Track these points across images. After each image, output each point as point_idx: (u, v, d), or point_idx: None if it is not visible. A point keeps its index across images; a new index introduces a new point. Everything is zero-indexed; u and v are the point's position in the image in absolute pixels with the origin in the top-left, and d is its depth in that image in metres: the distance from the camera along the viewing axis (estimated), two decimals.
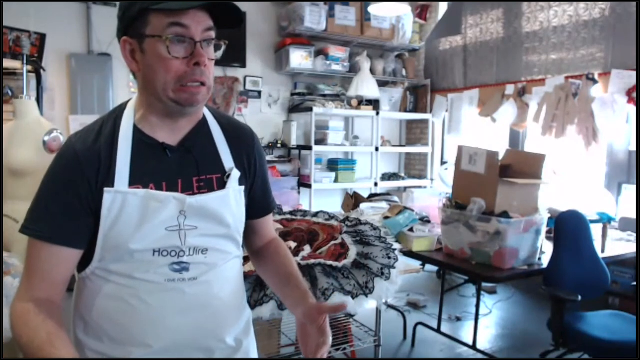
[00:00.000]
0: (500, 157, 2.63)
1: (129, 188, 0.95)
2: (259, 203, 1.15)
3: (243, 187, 1.08)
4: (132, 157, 0.96)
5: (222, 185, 1.04)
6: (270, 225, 1.24)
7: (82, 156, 0.94)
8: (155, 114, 0.99)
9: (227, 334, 1.07)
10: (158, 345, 0.98)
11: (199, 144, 1.03)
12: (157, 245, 0.96)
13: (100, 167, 0.95)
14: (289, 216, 2.44)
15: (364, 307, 1.88)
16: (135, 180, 0.95)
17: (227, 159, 1.06)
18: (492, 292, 4.29)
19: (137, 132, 0.98)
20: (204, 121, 1.06)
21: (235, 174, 1.06)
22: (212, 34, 0.95)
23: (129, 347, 0.96)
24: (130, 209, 0.94)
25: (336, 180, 4.92)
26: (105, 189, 0.93)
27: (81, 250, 0.96)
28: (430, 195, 3.33)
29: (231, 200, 1.04)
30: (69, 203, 0.93)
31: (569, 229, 2.60)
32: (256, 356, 1.18)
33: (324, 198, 4.94)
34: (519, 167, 2.67)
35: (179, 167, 1.00)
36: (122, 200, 0.94)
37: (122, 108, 1.02)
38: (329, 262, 1.93)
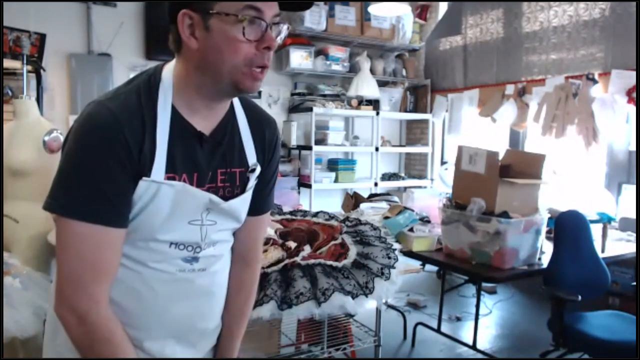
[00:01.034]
0: (500, 157, 2.63)
1: (165, 177, 0.91)
2: (255, 200, 1.10)
3: (257, 182, 1.07)
4: (169, 141, 0.91)
5: (243, 179, 1.03)
6: (256, 230, 1.16)
7: (121, 118, 0.87)
8: (201, 97, 0.94)
9: (219, 315, 1.11)
10: (159, 330, 0.99)
11: (228, 136, 1.01)
12: (177, 238, 0.96)
13: (144, 139, 0.88)
14: (289, 216, 2.44)
15: (364, 307, 1.88)
16: (169, 168, 0.91)
17: (251, 154, 1.05)
18: (492, 292, 4.29)
19: (175, 115, 0.93)
20: (231, 110, 1.04)
21: (258, 170, 1.06)
22: (278, 19, 0.93)
23: (129, 329, 0.96)
24: (162, 200, 0.91)
25: (336, 180, 4.91)
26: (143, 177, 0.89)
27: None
28: (430, 195, 3.33)
29: (248, 198, 1.06)
30: (116, 176, 0.86)
31: (569, 229, 2.60)
32: None
33: (324, 198, 4.93)
34: (519, 167, 2.67)
35: (209, 159, 0.98)
36: (155, 190, 0.90)
37: (156, 79, 0.94)
38: (329, 262, 1.93)
